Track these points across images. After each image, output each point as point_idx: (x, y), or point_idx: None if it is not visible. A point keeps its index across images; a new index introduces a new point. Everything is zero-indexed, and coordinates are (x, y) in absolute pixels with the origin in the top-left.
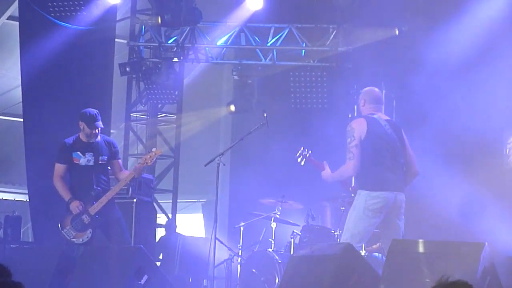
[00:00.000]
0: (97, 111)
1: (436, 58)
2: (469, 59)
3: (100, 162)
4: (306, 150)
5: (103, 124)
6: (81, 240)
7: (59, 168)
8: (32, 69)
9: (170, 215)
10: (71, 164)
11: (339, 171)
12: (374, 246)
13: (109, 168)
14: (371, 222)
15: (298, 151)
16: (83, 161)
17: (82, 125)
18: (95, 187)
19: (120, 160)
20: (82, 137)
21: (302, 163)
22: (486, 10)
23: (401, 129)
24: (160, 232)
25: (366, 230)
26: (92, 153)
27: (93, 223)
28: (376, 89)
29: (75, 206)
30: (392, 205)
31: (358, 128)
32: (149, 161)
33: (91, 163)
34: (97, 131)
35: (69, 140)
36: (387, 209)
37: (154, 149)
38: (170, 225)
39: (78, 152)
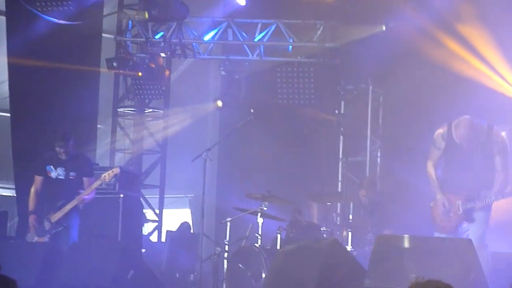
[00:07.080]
0: (68, 131)
1: (423, 54)
2: (455, 54)
3: (70, 177)
4: None
5: (74, 141)
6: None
7: (37, 179)
8: (18, 64)
9: (157, 210)
10: (45, 176)
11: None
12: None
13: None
14: None
15: None
16: (54, 174)
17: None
18: (61, 199)
19: (90, 179)
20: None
21: None
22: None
23: None
24: (148, 227)
25: None
26: (63, 168)
27: (52, 230)
28: None
29: (31, 220)
30: None
31: None
32: (107, 178)
33: (62, 177)
34: (60, 150)
35: (47, 153)
36: None
37: (114, 168)
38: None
39: (51, 166)
